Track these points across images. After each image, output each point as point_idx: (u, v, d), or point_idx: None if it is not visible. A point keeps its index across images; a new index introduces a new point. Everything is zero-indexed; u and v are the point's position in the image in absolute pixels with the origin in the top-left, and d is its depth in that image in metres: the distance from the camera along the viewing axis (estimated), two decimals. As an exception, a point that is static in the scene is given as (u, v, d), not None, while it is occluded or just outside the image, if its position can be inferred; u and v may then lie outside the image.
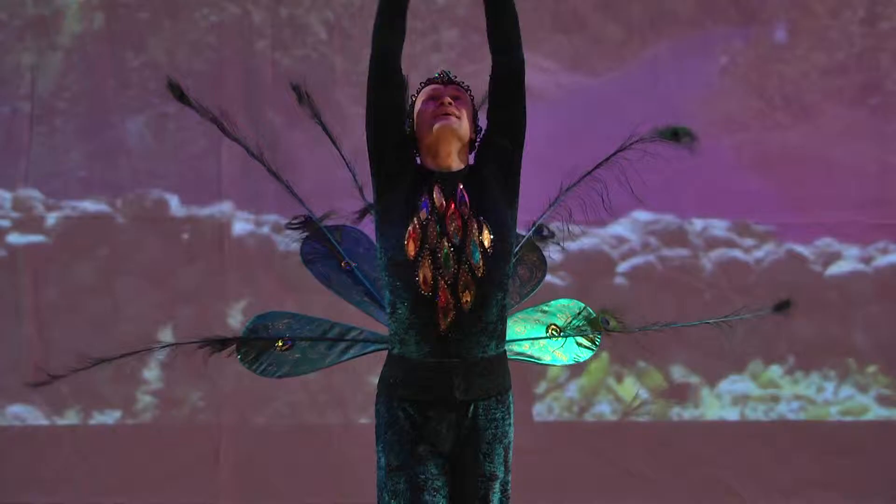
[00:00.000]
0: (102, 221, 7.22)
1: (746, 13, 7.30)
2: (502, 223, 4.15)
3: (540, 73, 7.09)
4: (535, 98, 6.76)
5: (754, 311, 4.60)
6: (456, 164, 4.19)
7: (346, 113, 6.93)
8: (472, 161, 4.27)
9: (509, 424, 4.18)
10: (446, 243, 4.09)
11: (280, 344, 4.39)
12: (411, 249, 4.09)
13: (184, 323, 7.10)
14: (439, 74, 4.28)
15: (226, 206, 7.23)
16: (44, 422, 7.18)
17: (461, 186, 4.16)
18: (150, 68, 7.26)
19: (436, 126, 4.15)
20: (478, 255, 4.09)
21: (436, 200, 4.14)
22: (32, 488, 7.12)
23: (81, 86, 7.28)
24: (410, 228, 4.10)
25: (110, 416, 7.20)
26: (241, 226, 7.17)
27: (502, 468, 4.15)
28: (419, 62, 7.13)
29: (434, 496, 4.06)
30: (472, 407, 4.11)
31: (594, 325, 4.51)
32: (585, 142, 6.73)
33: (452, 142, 4.17)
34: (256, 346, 4.40)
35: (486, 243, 4.10)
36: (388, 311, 4.16)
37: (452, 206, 4.13)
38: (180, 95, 4.49)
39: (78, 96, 7.27)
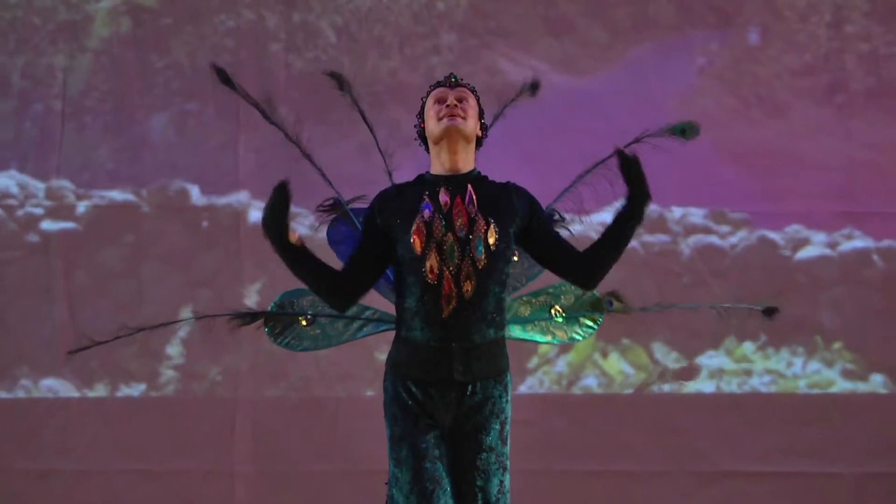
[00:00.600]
0: (129, 210, 7.34)
1: (722, 18, 7.39)
2: (508, 231, 4.25)
3: (531, 74, 7.12)
4: (527, 97, 7.13)
5: (748, 305, 4.78)
6: (463, 162, 4.30)
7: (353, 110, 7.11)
8: (477, 172, 4.33)
9: (506, 402, 4.26)
10: (451, 236, 4.19)
11: (303, 320, 4.53)
12: (418, 246, 4.19)
13: (203, 304, 7.04)
14: (446, 78, 4.37)
15: (242, 196, 7.32)
16: (74, 394, 7.26)
17: (470, 187, 4.26)
18: (173, 69, 7.36)
19: (442, 125, 4.24)
20: (481, 249, 4.19)
21: (440, 199, 4.24)
22: (64, 456, 7.22)
23: (109, 86, 7.39)
24: (414, 227, 4.20)
25: (136, 389, 7.30)
26: (257, 214, 7.16)
27: (498, 441, 4.24)
28: (419, 65, 7.27)
29: (434, 464, 4.16)
30: (470, 387, 4.22)
31: (597, 306, 4.60)
32: (573, 137, 7.01)
33: (458, 140, 4.26)
34: (282, 321, 4.52)
35: (491, 241, 4.20)
36: (399, 302, 4.28)
37: (459, 203, 4.23)
38: (226, 79, 4.49)
39: (106, 95, 7.37)
